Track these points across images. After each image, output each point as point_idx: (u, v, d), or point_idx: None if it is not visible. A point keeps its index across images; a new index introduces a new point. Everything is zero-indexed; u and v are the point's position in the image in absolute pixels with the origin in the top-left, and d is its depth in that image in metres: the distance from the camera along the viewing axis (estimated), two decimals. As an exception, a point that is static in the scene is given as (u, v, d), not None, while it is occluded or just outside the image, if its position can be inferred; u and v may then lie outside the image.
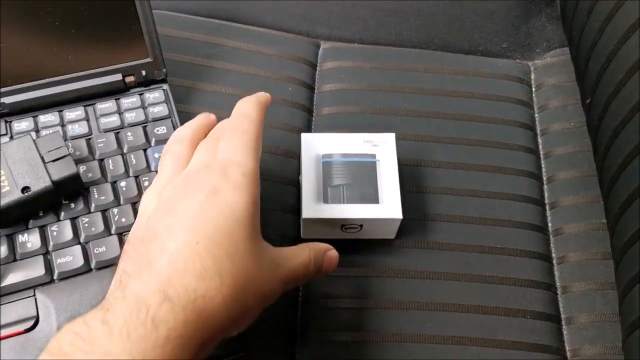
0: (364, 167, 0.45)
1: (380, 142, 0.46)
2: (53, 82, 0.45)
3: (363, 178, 0.44)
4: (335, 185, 0.44)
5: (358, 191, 0.44)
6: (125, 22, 0.45)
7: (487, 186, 0.49)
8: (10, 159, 0.40)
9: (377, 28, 0.59)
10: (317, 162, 0.45)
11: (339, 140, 0.46)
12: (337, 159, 0.45)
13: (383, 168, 0.45)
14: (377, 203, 0.43)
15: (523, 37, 0.60)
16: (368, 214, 0.43)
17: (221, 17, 0.57)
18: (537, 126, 0.55)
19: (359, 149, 0.46)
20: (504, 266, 0.46)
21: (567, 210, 0.49)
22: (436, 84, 0.55)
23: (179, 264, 0.29)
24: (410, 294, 0.44)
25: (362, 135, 0.46)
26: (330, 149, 0.46)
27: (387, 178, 0.44)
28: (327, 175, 0.45)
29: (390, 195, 0.44)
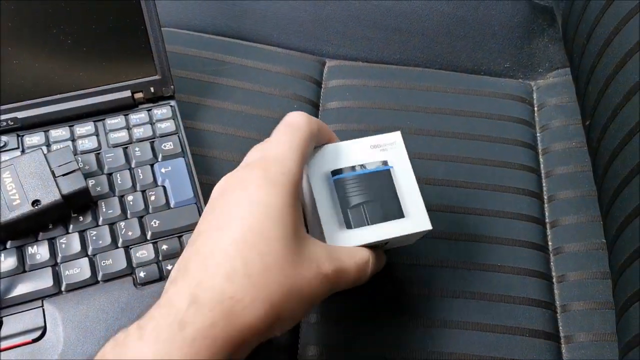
0: (379, 177, 0.40)
1: (388, 145, 0.41)
2: (64, 98, 0.46)
3: (381, 190, 0.40)
4: (354, 206, 0.39)
5: (380, 207, 0.39)
6: (134, 40, 0.46)
7: (488, 204, 0.50)
8: (22, 172, 0.41)
9: (381, 47, 0.60)
10: (328, 181, 0.40)
11: (344, 150, 0.41)
12: (348, 174, 0.40)
13: (398, 174, 0.40)
14: (402, 217, 0.39)
15: (526, 57, 0.61)
16: (396, 231, 0.39)
17: (228, 35, 0.58)
18: (538, 145, 0.55)
19: (369, 157, 0.41)
20: (503, 284, 0.47)
21: (567, 230, 0.50)
22: (439, 103, 0.56)
23: (211, 267, 0.30)
24: (409, 311, 0.45)
25: (367, 139, 0.41)
26: (338, 163, 0.40)
27: (405, 184, 0.40)
28: (343, 196, 0.39)
29: (414, 204, 0.40)
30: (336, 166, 0.40)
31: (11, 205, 0.40)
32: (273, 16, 0.59)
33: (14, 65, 0.44)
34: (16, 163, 0.42)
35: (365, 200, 0.39)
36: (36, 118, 0.46)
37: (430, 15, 0.60)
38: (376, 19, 0.60)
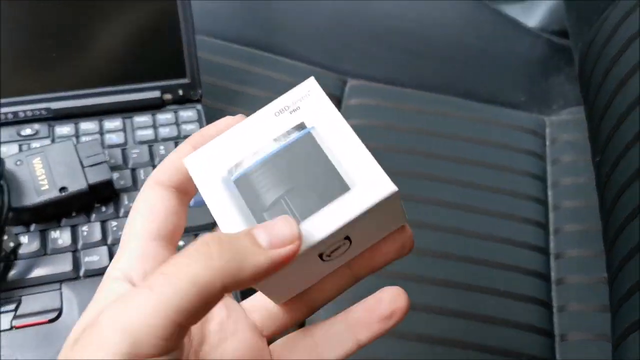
0: (297, 150, 0.28)
1: (299, 100, 0.29)
2: (96, 92, 0.48)
3: (306, 166, 0.27)
4: (271, 205, 0.27)
5: (310, 189, 0.27)
6: (168, 43, 0.48)
7: (494, 231, 0.52)
8: (52, 160, 0.43)
9: (402, 70, 0.62)
10: (227, 189, 0.27)
11: (238, 136, 0.28)
12: (251, 165, 0.27)
13: (325, 133, 0.28)
14: (346, 190, 0.27)
15: (541, 92, 0.63)
16: (347, 213, 0.26)
17: (257, 47, 0.60)
18: (548, 178, 0.57)
19: (276, 129, 0.28)
20: (505, 309, 0.48)
21: (571, 262, 0.51)
22: (454, 129, 0.57)
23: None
24: (412, 327, 0.46)
25: (267, 107, 0.29)
26: (233, 156, 0.28)
27: (339, 143, 0.28)
28: (254, 198, 0.27)
29: (360, 166, 0.27)
30: (232, 162, 0.28)
31: (39, 190, 0.42)
32: (301, 32, 0.62)
33: (52, 58, 0.46)
34: (47, 151, 0.44)
35: (285, 190, 0.27)
36: (68, 110, 0.48)
37: (452, 44, 0.62)
38: (399, 43, 0.62)
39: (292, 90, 0.28)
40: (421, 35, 0.62)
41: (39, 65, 0.46)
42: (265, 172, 0.27)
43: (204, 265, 0.22)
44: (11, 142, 0.46)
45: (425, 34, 0.62)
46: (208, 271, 0.22)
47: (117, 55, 0.48)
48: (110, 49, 0.47)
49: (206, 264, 0.22)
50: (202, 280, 0.22)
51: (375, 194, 0.26)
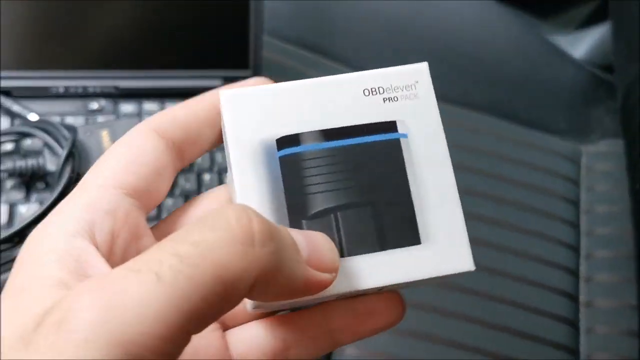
0: (376, 155, 0.21)
1: (402, 88, 0.22)
2: (163, 75, 0.50)
3: (379, 182, 0.21)
4: (317, 214, 0.21)
5: (375, 220, 0.21)
6: (236, 35, 0.50)
7: (524, 247, 0.53)
8: (119, 134, 0.45)
9: (450, 87, 0.63)
10: (265, 161, 0.21)
11: (310, 96, 0.21)
12: (312, 145, 0.21)
13: (417, 151, 0.22)
14: (417, 243, 0.21)
15: (581, 122, 0.64)
16: (403, 273, 0.21)
17: (314, 50, 0.62)
18: (581, 204, 0.58)
19: (359, 111, 0.21)
20: (533, 324, 0.49)
21: (600, 285, 0.52)
22: (493, 147, 0.59)
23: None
24: (438, 330, 0.48)
25: (359, 75, 0.22)
26: (291, 122, 0.21)
27: (431, 174, 0.22)
28: (296, 191, 0.21)
29: (444, 218, 0.21)
30: (286, 128, 0.21)
31: (104, 161, 0.44)
32: (358, 41, 0.64)
33: (125, 37, 0.48)
34: (114, 125, 0.46)
35: (342, 204, 0.21)
36: (134, 89, 0.50)
37: (500, 67, 0.64)
38: (450, 60, 0.64)
39: (396, 69, 0.22)
40: (472, 55, 0.64)
41: (113, 43, 0.48)
42: (326, 165, 0.20)
43: (240, 252, 0.16)
44: (78, 115, 0.48)
45: (476, 55, 0.64)
46: (244, 260, 0.16)
47: (186, 41, 0.50)
48: (180, 34, 0.49)
49: (244, 250, 0.16)
50: (234, 274, 0.16)
51: (447, 265, 0.21)
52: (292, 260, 0.17)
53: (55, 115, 0.48)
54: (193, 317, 0.15)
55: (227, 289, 0.16)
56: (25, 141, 0.45)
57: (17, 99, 0.47)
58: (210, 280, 0.15)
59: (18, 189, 0.44)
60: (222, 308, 0.16)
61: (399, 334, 0.47)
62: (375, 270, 0.20)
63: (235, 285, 0.16)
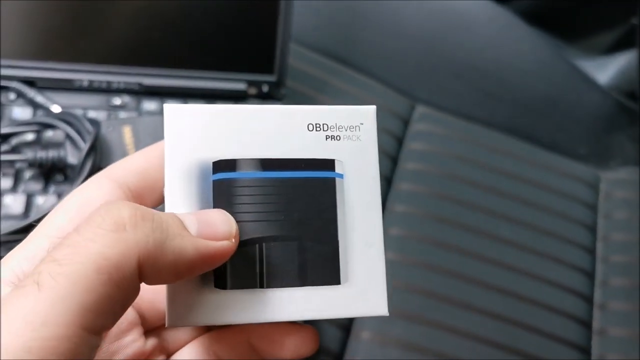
0: (309, 190, 0.21)
1: (346, 127, 0.22)
2: (187, 75, 0.50)
3: (308, 219, 0.21)
4: (242, 242, 0.21)
5: (298, 256, 0.21)
6: (263, 40, 0.50)
7: (540, 270, 0.52)
8: (141, 131, 0.45)
9: (471, 105, 0.63)
10: (198, 181, 0.21)
11: (251, 121, 0.21)
12: (247, 174, 0.21)
13: (351, 193, 0.22)
14: (337, 283, 0.21)
15: (602, 148, 0.64)
16: (318, 310, 0.21)
17: (336, 58, 0.62)
18: (598, 230, 0.58)
19: (300, 145, 0.21)
20: (545, 349, 0.49)
21: (615, 314, 0.52)
22: (512, 168, 0.59)
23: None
24: (451, 350, 0.47)
25: (307, 109, 0.22)
26: (231, 146, 0.21)
27: (360, 217, 0.21)
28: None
29: (367, 261, 0.21)
30: (223, 151, 0.21)
31: (125, 156, 0.43)
32: (380, 51, 0.63)
33: (153, 36, 0.48)
34: (137, 122, 0.45)
35: (269, 235, 0.21)
36: (157, 88, 0.50)
37: (524, 89, 0.64)
38: (474, 80, 0.64)
39: (344, 107, 0.22)
40: (497, 76, 0.64)
41: (140, 40, 0.48)
42: (259, 194, 0.21)
43: (113, 239, 0.17)
44: (100, 109, 0.48)
45: (501, 76, 0.64)
46: (119, 245, 0.17)
47: (213, 42, 0.50)
48: (208, 35, 0.49)
49: (117, 236, 0.17)
50: (113, 259, 0.16)
51: (362, 308, 0.21)
52: (175, 235, 0.18)
53: (77, 108, 0.48)
54: (86, 311, 0.16)
55: (113, 276, 0.16)
56: (47, 132, 0.45)
57: (41, 90, 0.47)
58: (92, 272, 0.16)
59: (37, 180, 0.44)
60: (117, 297, 0.17)
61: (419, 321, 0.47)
62: (292, 304, 0.20)
63: (119, 271, 0.16)
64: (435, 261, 0.51)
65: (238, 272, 0.20)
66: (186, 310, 0.20)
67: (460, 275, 0.50)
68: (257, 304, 0.20)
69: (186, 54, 0.50)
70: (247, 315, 0.20)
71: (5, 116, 0.46)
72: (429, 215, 0.53)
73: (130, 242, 0.17)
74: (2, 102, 0.47)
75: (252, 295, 0.20)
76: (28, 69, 0.47)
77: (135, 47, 0.49)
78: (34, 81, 0.48)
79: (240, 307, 0.20)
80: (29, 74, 0.47)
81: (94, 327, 0.16)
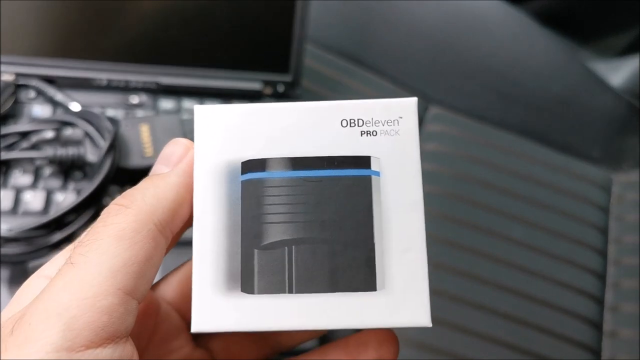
0: (343, 189, 0.20)
1: (383, 122, 0.21)
2: (204, 74, 0.51)
3: (342, 220, 0.20)
4: (271, 245, 0.20)
5: (331, 259, 0.20)
6: (279, 40, 0.51)
7: (551, 271, 0.53)
8: (158, 129, 0.45)
9: (485, 106, 0.63)
10: (226, 181, 0.20)
11: (276, 119, 0.21)
12: (277, 173, 0.20)
13: (389, 192, 0.20)
14: (373, 289, 0.20)
15: (614, 150, 0.64)
16: (354, 319, 0.19)
17: (351, 58, 0.63)
18: (610, 233, 0.58)
19: (333, 141, 0.20)
20: (555, 350, 0.49)
21: (625, 316, 0.52)
22: (525, 169, 0.59)
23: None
24: (460, 348, 0.48)
25: (340, 104, 0.21)
26: (261, 147, 0.20)
27: (399, 217, 0.20)
28: (252, 216, 0.20)
29: (407, 266, 0.20)
30: (255, 152, 0.20)
31: (143, 155, 0.44)
32: (394, 52, 0.64)
33: (169, 33, 0.49)
34: (154, 120, 0.46)
35: (298, 237, 0.20)
36: (174, 86, 0.50)
37: (538, 91, 0.64)
38: (488, 81, 0.64)
39: (381, 101, 0.21)
40: (511, 78, 0.64)
41: (157, 39, 0.49)
42: (288, 195, 0.20)
43: (123, 218, 0.19)
44: (118, 108, 0.49)
45: (515, 77, 0.64)
46: (130, 219, 0.19)
47: (230, 41, 0.50)
48: (224, 35, 0.50)
49: (124, 216, 0.19)
50: (129, 229, 0.19)
51: (401, 317, 0.19)
52: (161, 179, 0.21)
53: (96, 106, 0.48)
54: (116, 272, 0.18)
55: (133, 242, 0.19)
56: (66, 130, 0.45)
57: (60, 88, 0.48)
58: (114, 242, 0.19)
59: (56, 177, 0.44)
60: (141, 257, 0.19)
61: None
62: (323, 311, 0.19)
63: (138, 235, 0.19)
64: (448, 261, 0.51)
65: (265, 277, 0.20)
66: (212, 315, 0.20)
67: (473, 276, 0.51)
68: (285, 310, 0.19)
69: (203, 53, 0.50)
70: (274, 322, 0.19)
71: (25, 114, 0.47)
72: (441, 216, 0.54)
73: (136, 209, 0.20)
74: (22, 100, 0.47)
75: (280, 301, 0.19)
76: (48, 67, 0.48)
77: (153, 45, 0.49)
78: (53, 79, 0.48)
79: (268, 313, 0.19)
80: (49, 72, 0.48)
81: (126, 286, 0.18)
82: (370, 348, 0.23)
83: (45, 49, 0.48)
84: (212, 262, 0.20)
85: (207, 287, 0.20)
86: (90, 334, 0.17)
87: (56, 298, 0.18)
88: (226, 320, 0.20)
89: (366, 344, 0.23)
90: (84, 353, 0.17)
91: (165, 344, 0.24)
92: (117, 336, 0.18)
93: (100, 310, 0.18)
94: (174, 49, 0.50)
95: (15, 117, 0.47)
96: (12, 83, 0.46)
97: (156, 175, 0.21)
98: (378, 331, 0.23)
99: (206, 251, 0.20)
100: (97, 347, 0.17)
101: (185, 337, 0.25)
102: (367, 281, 0.19)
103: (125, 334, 0.19)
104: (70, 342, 0.17)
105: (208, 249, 0.20)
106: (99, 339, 0.18)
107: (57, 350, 0.17)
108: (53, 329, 0.17)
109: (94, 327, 0.17)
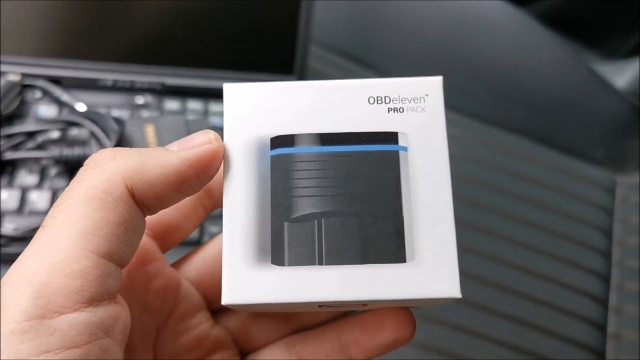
0: (371, 164, 0.20)
1: (410, 99, 0.21)
2: (207, 75, 0.51)
3: (370, 194, 0.20)
4: (301, 218, 0.20)
5: (360, 232, 0.20)
6: (284, 41, 0.51)
7: (555, 273, 0.53)
8: (163, 130, 0.46)
9: (489, 109, 0.64)
10: (258, 158, 0.21)
11: (305, 96, 0.21)
12: (305, 149, 0.20)
13: (417, 167, 0.21)
14: (402, 261, 0.20)
15: (618, 152, 0.64)
16: (384, 290, 0.20)
17: (354, 59, 0.63)
18: (614, 235, 0.58)
19: (361, 118, 0.21)
20: (559, 351, 0.49)
21: (629, 318, 0.52)
22: (528, 171, 0.59)
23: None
24: (467, 352, 0.48)
25: (366, 82, 0.22)
26: (290, 124, 0.21)
27: (427, 193, 0.20)
28: (282, 191, 0.20)
29: (435, 240, 0.20)
30: (284, 129, 0.21)
31: (148, 155, 0.44)
32: (398, 53, 0.64)
33: (174, 34, 0.49)
34: (159, 121, 0.46)
35: (327, 210, 0.20)
36: (180, 87, 0.50)
37: (541, 93, 0.64)
38: (491, 83, 0.64)
39: (406, 79, 0.22)
40: (515, 79, 0.65)
41: (163, 40, 0.49)
42: (317, 169, 0.20)
43: (96, 171, 0.19)
44: (124, 108, 0.49)
45: (519, 79, 0.65)
46: (103, 174, 0.19)
47: (235, 42, 0.50)
48: (229, 35, 0.50)
49: (99, 168, 0.19)
50: (99, 187, 0.19)
51: (431, 288, 0.19)
52: (157, 153, 0.20)
53: (101, 107, 0.49)
54: (87, 234, 0.18)
55: (104, 201, 0.18)
56: (72, 130, 0.46)
57: (66, 89, 0.48)
58: (83, 202, 0.18)
59: (62, 177, 0.44)
60: (115, 220, 0.18)
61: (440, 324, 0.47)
62: (353, 283, 0.19)
63: (108, 194, 0.18)
64: (451, 262, 0.51)
65: (295, 248, 0.20)
66: (243, 288, 0.20)
67: (476, 277, 0.51)
68: (315, 282, 0.19)
69: (208, 54, 0.50)
70: (304, 294, 0.19)
71: (31, 114, 0.47)
72: (445, 217, 0.54)
73: (112, 169, 0.19)
74: (29, 100, 0.48)
75: (310, 272, 0.19)
76: (53, 67, 0.48)
77: (158, 46, 0.50)
78: (59, 80, 0.49)
79: (298, 285, 0.19)
80: (55, 73, 0.48)
81: (99, 249, 0.18)
82: (387, 328, 0.23)
83: (51, 50, 0.48)
84: (242, 236, 0.20)
85: (238, 260, 0.20)
86: (63, 299, 0.17)
87: (27, 265, 0.17)
88: (256, 292, 0.20)
89: (383, 323, 0.23)
90: (57, 319, 0.17)
91: (184, 321, 0.25)
92: (95, 299, 0.18)
93: (72, 274, 0.17)
94: (179, 49, 0.50)
95: (22, 117, 0.47)
96: (19, 83, 0.47)
97: (159, 148, 0.21)
98: (395, 310, 0.23)
99: (236, 225, 0.20)
100: (72, 312, 0.17)
101: (204, 315, 0.25)
102: (396, 253, 0.19)
103: (107, 297, 0.18)
104: (41, 310, 0.17)
105: (238, 222, 0.20)
106: (73, 304, 0.17)
107: (28, 318, 0.16)
108: (23, 297, 0.17)
109: (66, 292, 0.17)
